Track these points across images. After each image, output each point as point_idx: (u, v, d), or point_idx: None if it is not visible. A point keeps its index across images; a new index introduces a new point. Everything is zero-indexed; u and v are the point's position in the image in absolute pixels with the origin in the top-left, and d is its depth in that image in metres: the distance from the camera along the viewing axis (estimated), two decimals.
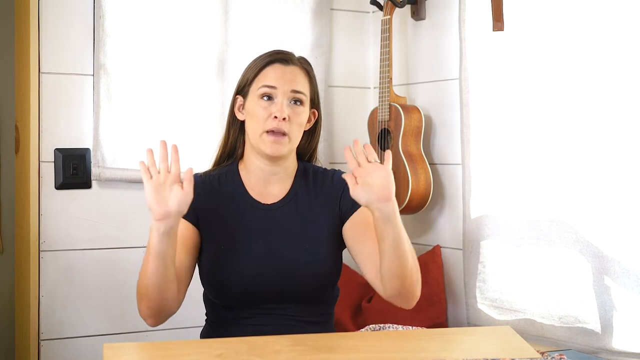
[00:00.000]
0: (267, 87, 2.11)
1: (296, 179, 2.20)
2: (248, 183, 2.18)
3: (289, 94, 2.11)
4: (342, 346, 1.86)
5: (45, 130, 2.78)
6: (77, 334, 2.82)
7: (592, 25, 2.43)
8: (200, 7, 2.96)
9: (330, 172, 2.25)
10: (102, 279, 2.85)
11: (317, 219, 2.16)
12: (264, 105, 2.10)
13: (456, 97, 2.87)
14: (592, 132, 2.43)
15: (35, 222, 2.76)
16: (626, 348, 2.36)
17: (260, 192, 2.17)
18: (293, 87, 2.12)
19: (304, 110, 2.14)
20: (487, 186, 2.75)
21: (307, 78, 2.17)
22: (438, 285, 2.94)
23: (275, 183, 2.18)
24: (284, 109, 2.09)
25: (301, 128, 2.14)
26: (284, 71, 2.13)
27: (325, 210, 2.17)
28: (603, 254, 2.40)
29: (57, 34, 2.78)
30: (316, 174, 2.23)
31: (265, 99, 2.11)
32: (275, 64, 2.14)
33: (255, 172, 2.17)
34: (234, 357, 1.75)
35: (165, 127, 2.90)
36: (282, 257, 2.10)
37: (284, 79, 2.12)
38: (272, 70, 2.14)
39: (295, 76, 2.13)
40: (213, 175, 2.20)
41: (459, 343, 1.95)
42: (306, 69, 2.18)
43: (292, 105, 2.11)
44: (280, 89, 2.10)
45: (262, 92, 2.11)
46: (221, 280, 2.11)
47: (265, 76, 2.13)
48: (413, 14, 3.09)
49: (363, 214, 2.14)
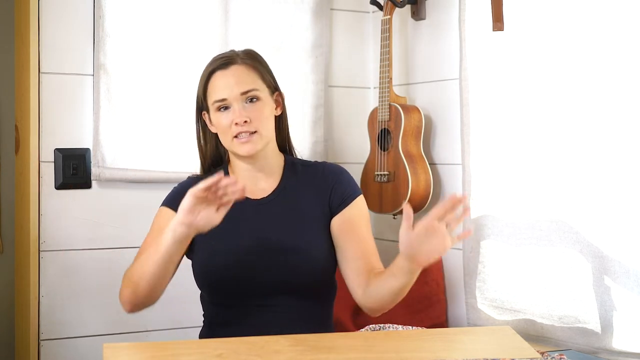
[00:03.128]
0: (217, 101, 2.14)
1: (285, 173, 2.22)
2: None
3: (239, 97, 2.12)
4: (342, 346, 1.86)
5: (45, 130, 2.77)
6: (77, 334, 2.82)
7: (593, 25, 2.42)
8: (200, 7, 2.95)
9: (321, 165, 2.27)
10: (102, 279, 2.85)
11: (308, 211, 2.17)
12: (223, 116, 2.13)
13: (456, 97, 2.87)
14: (592, 132, 2.43)
15: (35, 222, 2.76)
16: (626, 348, 2.36)
17: (250, 189, 2.17)
18: (241, 89, 2.13)
19: (264, 103, 2.15)
20: (487, 186, 2.75)
21: (253, 71, 2.17)
22: (438, 285, 2.94)
23: (262, 179, 2.20)
24: (242, 113, 2.10)
25: (269, 119, 2.16)
26: (226, 76, 2.14)
27: (315, 202, 2.18)
28: (603, 254, 2.40)
29: (57, 34, 2.78)
30: (305, 167, 2.25)
31: (222, 110, 2.14)
32: (216, 73, 2.16)
33: (241, 172, 2.20)
34: (233, 357, 1.75)
35: (165, 127, 2.90)
36: (273, 249, 2.12)
37: (229, 86, 2.13)
38: (215, 80, 2.15)
39: (239, 77, 2.14)
40: (204, 177, 2.21)
41: (459, 343, 1.95)
42: (249, 63, 2.17)
43: (248, 105, 2.13)
44: (230, 98, 2.12)
45: (217, 107, 2.14)
46: (214, 277, 2.13)
47: (212, 90, 2.15)
48: (413, 14, 3.09)
49: (352, 211, 2.16)
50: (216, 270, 2.12)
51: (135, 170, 2.86)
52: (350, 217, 2.17)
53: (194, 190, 1.86)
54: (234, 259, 2.11)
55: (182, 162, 2.92)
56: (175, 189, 2.25)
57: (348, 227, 2.16)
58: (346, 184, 2.22)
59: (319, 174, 2.23)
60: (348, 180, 2.24)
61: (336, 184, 2.20)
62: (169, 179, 2.90)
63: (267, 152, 2.18)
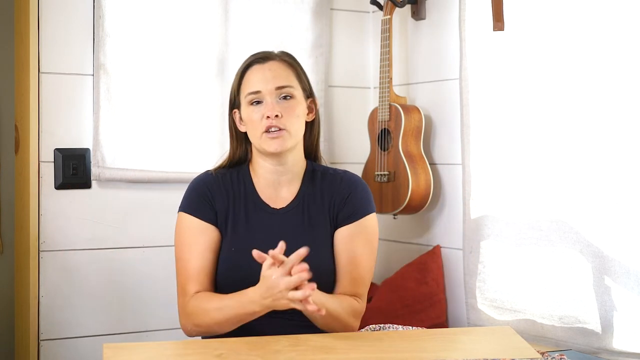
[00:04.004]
0: (252, 93, 2.11)
1: (304, 181, 2.19)
2: (258, 185, 2.18)
3: (274, 92, 2.10)
4: (342, 346, 1.86)
5: (44, 130, 2.77)
6: (76, 334, 2.82)
7: (593, 25, 2.42)
8: (200, 7, 2.95)
9: (340, 173, 2.24)
10: (102, 279, 2.85)
11: (321, 223, 2.16)
12: (255, 110, 2.10)
13: (456, 97, 2.87)
14: (592, 132, 2.43)
15: (35, 222, 2.76)
16: (626, 348, 2.36)
17: (270, 196, 2.17)
18: (276, 83, 2.11)
19: (297, 102, 2.13)
20: (487, 186, 2.75)
21: (290, 70, 2.15)
22: (438, 285, 2.94)
23: (284, 186, 2.17)
24: (275, 107, 2.08)
25: (299, 120, 2.13)
26: (264, 70, 2.12)
27: (326, 211, 2.17)
28: (603, 254, 2.40)
29: (57, 34, 2.78)
30: (324, 175, 2.22)
31: (254, 104, 2.11)
32: (253, 67, 2.14)
33: (264, 175, 2.17)
34: (234, 357, 1.75)
35: (165, 127, 2.90)
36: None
37: (265, 79, 2.11)
38: (251, 74, 2.13)
39: (276, 72, 2.12)
40: (225, 174, 2.20)
41: (459, 343, 1.95)
42: (288, 61, 2.16)
43: (281, 101, 2.11)
44: (264, 91, 2.10)
45: (249, 100, 2.12)
46: (228, 282, 2.10)
47: (247, 83, 2.13)
48: (413, 14, 3.09)
49: (356, 228, 2.15)
50: (231, 275, 2.11)
51: (135, 170, 2.86)
52: (351, 235, 2.15)
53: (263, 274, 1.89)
54: (249, 266, 2.04)
55: (182, 162, 2.92)
56: (193, 191, 2.19)
57: (345, 245, 2.15)
58: (360, 199, 2.19)
59: (336, 183, 2.20)
60: (363, 195, 2.21)
61: (350, 196, 2.17)
62: (169, 179, 2.90)
63: (293, 156, 2.16)
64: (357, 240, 2.15)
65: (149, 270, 2.91)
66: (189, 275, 2.11)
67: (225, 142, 2.99)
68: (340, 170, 2.27)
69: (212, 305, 2.04)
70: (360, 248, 2.15)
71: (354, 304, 2.11)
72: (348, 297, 2.11)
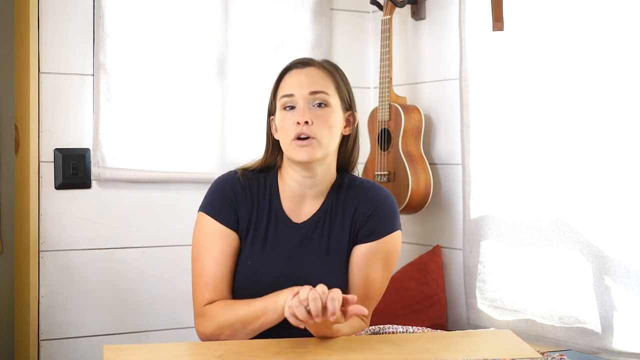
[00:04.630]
0: (285, 96, 2.02)
1: (329, 195, 2.08)
2: (283, 195, 2.08)
3: (308, 97, 2.00)
4: (342, 348, 1.86)
5: (44, 130, 2.77)
6: (76, 334, 2.82)
7: (593, 25, 2.42)
8: (200, 7, 2.95)
9: (367, 186, 2.11)
10: (102, 279, 2.85)
11: (342, 239, 2.06)
12: (288, 116, 2.00)
13: (456, 97, 2.87)
14: (592, 133, 2.43)
15: (35, 222, 2.76)
16: (627, 348, 2.36)
17: (293, 209, 2.07)
18: (310, 88, 2.00)
19: (331, 111, 2.02)
20: (487, 186, 2.75)
21: (329, 78, 2.05)
22: (438, 286, 2.94)
23: (309, 199, 2.07)
24: (306, 113, 1.98)
25: (332, 131, 2.02)
26: (300, 75, 2.03)
27: (348, 227, 2.07)
28: (603, 254, 2.40)
29: (57, 34, 2.78)
30: (351, 187, 2.10)
31: (287, 109, 2.02)
32: (291, 71, 2.05)
33: (291, 185, 2.07)
34: (234, 359, 1.75)
35: (165, 127, 2.90)
36: (301, 278, 1.96)
37: (300, 83, 2.01)
38: (288, 78, 2.05)
39: (313, 77, 2.02)
40: (252, 179, 2.09)
41: (459, 345, 1.95)
42: (328, 69, 2.07)
43: (315, 108, 2.00)
44: (298, 95, 2.00)
45: (283, 103, 2.02)
46: (239, 292, 2.04)
47: (283, 86, 2.04)
48: (413, 14, 3.09)
49: (375, 247, 2.05)
50: (242, 289, 2.04)
51: (135, 170, 2.86)
52: (369, 253, 2.05)
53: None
54: (263, 280, 2.02)
55: (182, 162, 2.93)
56: (217, 192, 2.09)
57: (361, 264, 2.04)
58: (383, 217, 2.07)
59: (360, 197, 2.08)
60: (388, 212, 2.09)
61: (374, 213, 2.06)
62: (169, 179, 2.91)
63: (323, 168, 2.04)
64: (374, 260, 2.05)
65: (149, 270, 2.91)
66: (206, 283, 2.03)
67: (226, 142, 3.01)
68: (368, 182, 2.15)
69: (233, 312, 1.98)
70: (376, 268, 2.05)
71: (362, 325, 2.06)
72: (358, 319, 2.05)
